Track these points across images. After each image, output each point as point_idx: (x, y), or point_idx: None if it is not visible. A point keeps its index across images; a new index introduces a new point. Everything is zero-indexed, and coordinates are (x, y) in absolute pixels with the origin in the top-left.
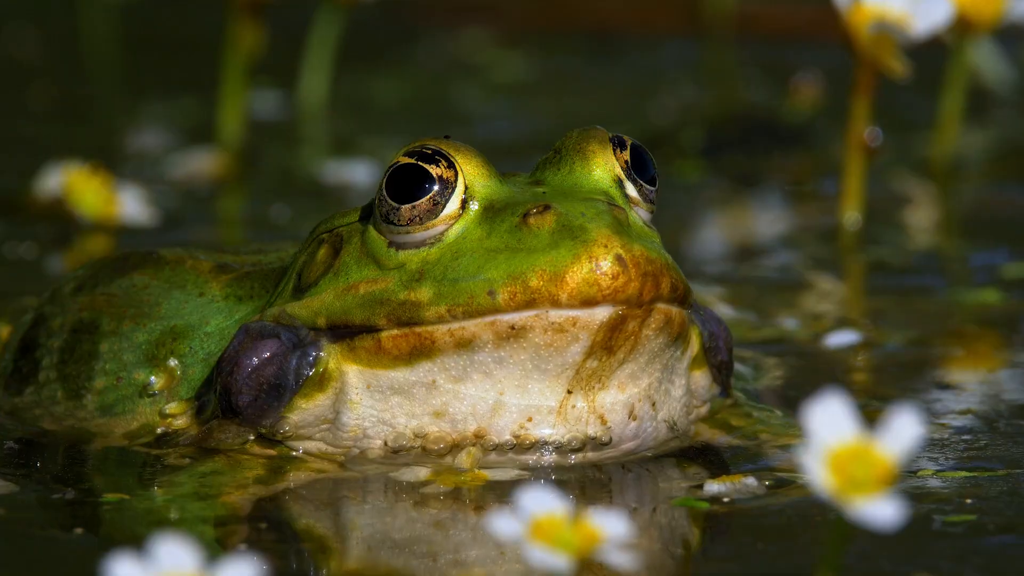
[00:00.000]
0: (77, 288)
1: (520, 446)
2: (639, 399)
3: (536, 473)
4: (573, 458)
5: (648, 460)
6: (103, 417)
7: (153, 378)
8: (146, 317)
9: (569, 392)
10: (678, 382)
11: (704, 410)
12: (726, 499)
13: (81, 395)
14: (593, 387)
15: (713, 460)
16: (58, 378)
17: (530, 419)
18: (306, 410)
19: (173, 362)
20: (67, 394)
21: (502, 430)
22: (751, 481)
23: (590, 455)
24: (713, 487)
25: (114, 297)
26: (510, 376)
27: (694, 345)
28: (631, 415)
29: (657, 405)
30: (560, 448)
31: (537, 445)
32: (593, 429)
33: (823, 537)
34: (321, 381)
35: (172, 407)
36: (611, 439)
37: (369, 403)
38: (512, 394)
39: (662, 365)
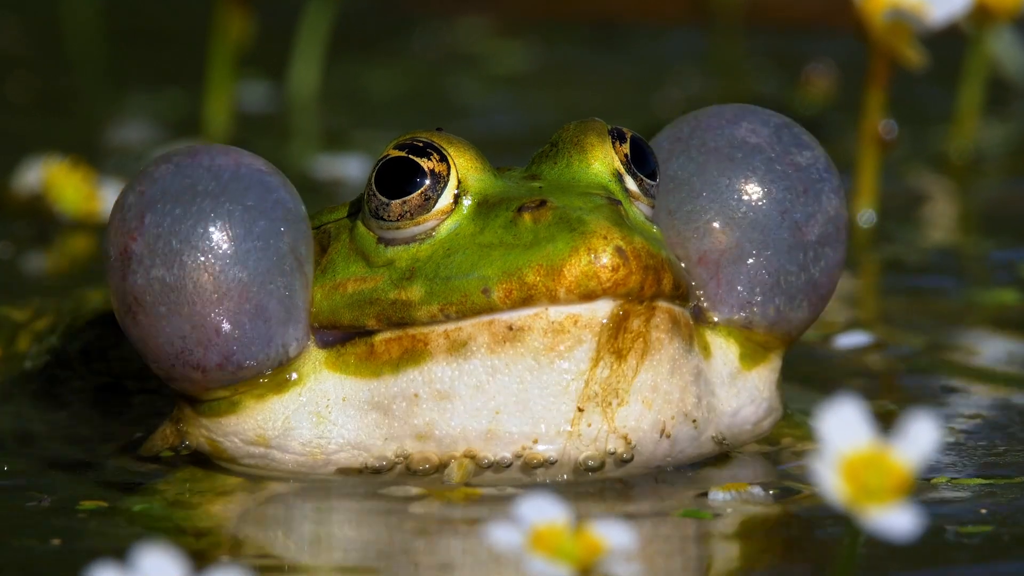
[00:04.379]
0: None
1: (526, 464)
2: (671, 416)
3: (536, 485)
4: (591, 476)
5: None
6: (80, 424)
7: (132, 385)
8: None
9: (580, 410)
10: (724, 396)
11: (768, 422)
12: (731, 508)
13: (58, 402)
14: (610, 403)
15: (723, 467)
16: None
17: (535, 440)
18: (250, 411)
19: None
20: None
21: (499, 453)
22: (757, 490)
23: (614, 472)
24: (719, 496)
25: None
26: (505, 391)
27: (733, 346)
28: (663, 433)
29: (700, 423)
30: (576, 468)
31: (545, 464)
32: (614, 445)
33: (833, 548)
34: (283, 383)
35: (150, 414)
36: (634, 457)
37: (341, 420)
38: (510, 413)
39: (692, 375)
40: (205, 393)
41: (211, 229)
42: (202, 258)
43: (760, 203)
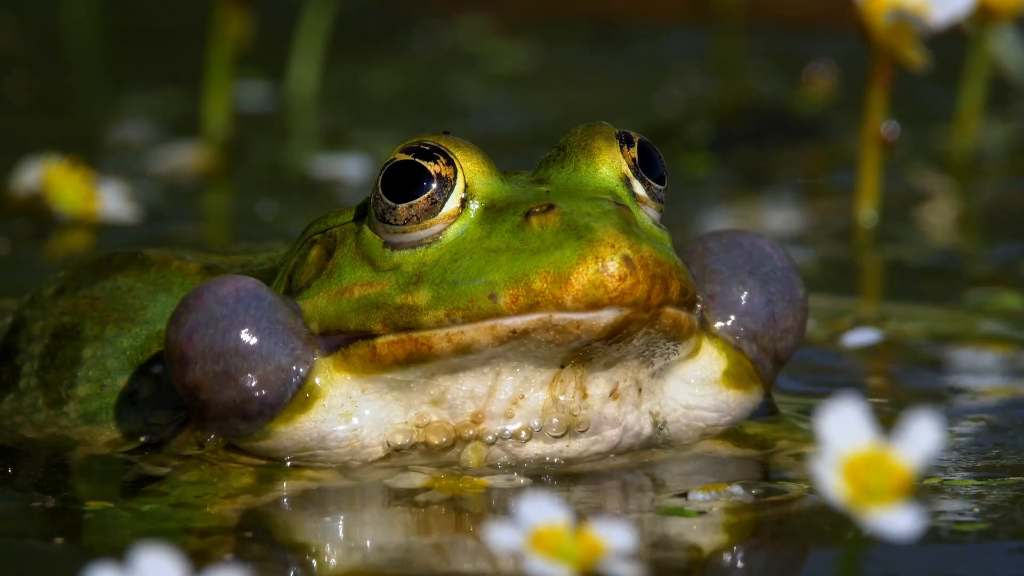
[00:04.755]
0: (58, 291)
1: (515, 435)
2: (624, 379)
3: (530, 479)
4: (558, 448)
5: (636, 467)
6: (86, 425)
7: (138, 385)
8: (130, 321)
9: (562, 367)
10: (687, 389)
11: (721, 425)
12: (712, 508)
13: (63, 402)
14: (583, 363)
15: (707, 469)
16: (39, 385)
17: (522, 396)
18: (283, 434)
19: (158, 368)
20: (48, 402)
21: (497, 412)
22: (736, 489)
23: (575, 445)
24: (698, 496)
25: (97, 300)
26: (508, 363)
27: (722, 360)
28: (612, 393)
29: (644, 393)
30: (544, 432)
31: (526, 431)
32: (575, 404)
33: (825, 546)
34: (305, 402)
35: (157, 415)
36: (589, 421)
37: (366, 408)
38: (508, 375)
39: (659, 357)
40: (248, 439)
41: (234, 336)
42: (235, 352)
43: (757, 290)
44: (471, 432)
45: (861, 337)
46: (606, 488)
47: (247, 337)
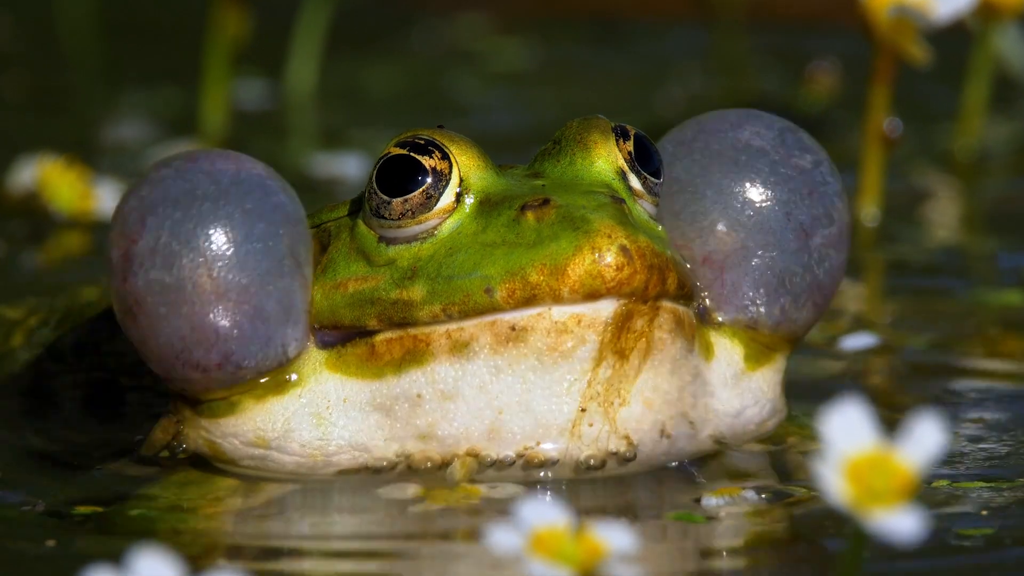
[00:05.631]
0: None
1: (528, 463)
2: (670, 417)
3: (535, 485)
4: (591, 475)
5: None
6: (75, 428)
7: (128, 387)
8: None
9: (583, 410)
10: (725, 397)
11: (772, 422)
12: (724, 512)
13: (53, 405)
14: (612, 402)
15: (722, 469)
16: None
17: (538, 441)
18: (248, 411)
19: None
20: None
21: (502, 451)
22: (750, 494)
23: (615, 471)
24: (711, 500)
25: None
26: (509, 391)
27: (737, 347)
28: (663, 433)
29: (697, 424)
30: (576, 467)
31: (547, 463)
32: (615, 446)
33: (831, 551)
34: (283, 384)
35: (148, 418)
36: (636, 455)
37: (342, 422)
38: (513, 413)
39: (690, 374)
40: (205, 394)
41: (210, 232)
42: (201, 260)
43: (764, 206)
44: (465, 454)
45: (860, 341)
46: (615, 492)
47: (232, 243)
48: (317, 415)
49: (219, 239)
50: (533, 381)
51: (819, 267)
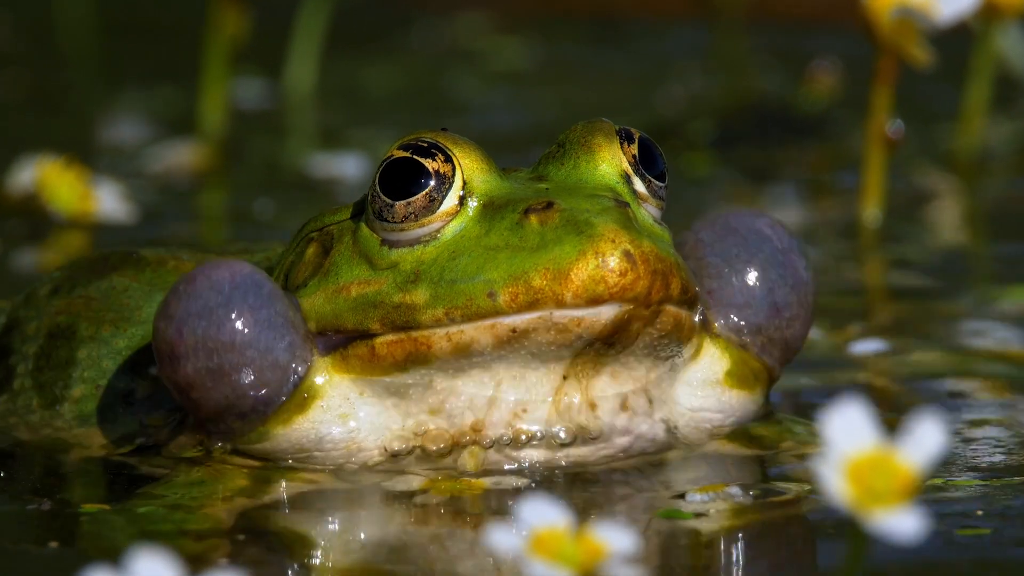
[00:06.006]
0: (53, 290)
1: (515, 440)
2: (633, 391)
3: (528, 479)
4: (564, 453)
5: (638, 466)
6: (81, 427)
7: (134, 386)
8: (127, 321)
9: (565, 378)
10: (689, 391)
11: (727, 425)
12: (710, 509)
13: (58, 403)
14: (588, 374)
15: (709, 469)
16: (33, 386)
17: (525, 410)
18: (280, 436)
19: (154, 369)
20: (43, 403)
21: (498, 423)
22: (735, 491)
23: (582, 450)
24: (696, 497)
25: (93, 300)
26: (508, 368)
27: (724, 360)
28: (623, 406)
29: (655, 403)
30: (549, 439)
31: (530, 437)
32: (584, 417)
33: (823, 547)
34: (303, 402)
35: (154, 417)
36: (601, 431)
37: (364, 412)
38: (509, 384)
39: (666, 363)
40: (243, 438)
41: (229, 328)
42: (230, 344)
43: (756, 280)
44: (469, 438)
45: (867, 347)
46: (606, 489)
47: (244, 329)
48: (342, 415)
49: (238, 329)
50: (529, 360)
51: (787, 329)
